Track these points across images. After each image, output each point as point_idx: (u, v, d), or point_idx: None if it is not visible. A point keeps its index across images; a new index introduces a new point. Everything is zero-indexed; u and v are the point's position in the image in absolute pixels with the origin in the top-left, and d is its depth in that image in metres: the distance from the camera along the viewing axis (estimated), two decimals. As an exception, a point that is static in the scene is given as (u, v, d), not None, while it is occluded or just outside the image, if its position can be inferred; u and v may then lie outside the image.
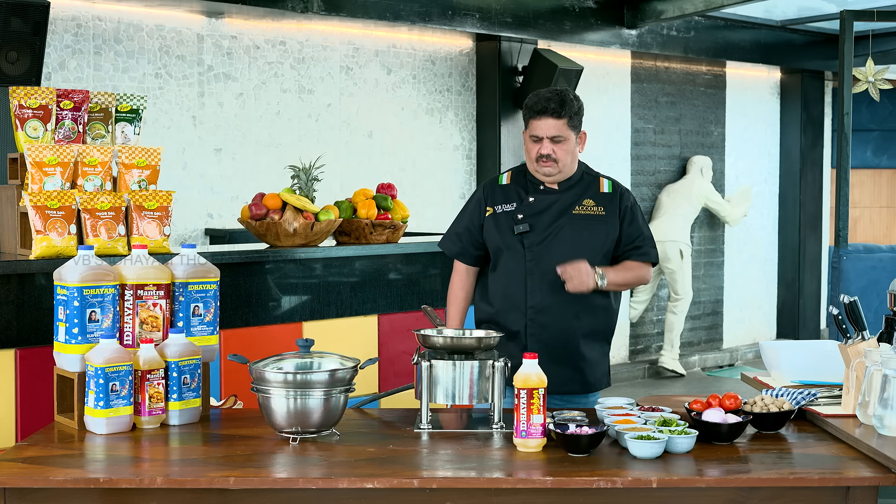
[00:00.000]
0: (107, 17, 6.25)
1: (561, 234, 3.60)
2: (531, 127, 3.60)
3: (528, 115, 3.61)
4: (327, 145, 7.15)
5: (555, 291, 3.57)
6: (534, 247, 3.61)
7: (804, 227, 10.45)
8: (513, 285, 3.62)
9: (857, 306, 3.23)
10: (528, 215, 3.63)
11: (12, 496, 2.69)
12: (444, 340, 3.20)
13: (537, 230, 3.61)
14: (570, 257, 3.56)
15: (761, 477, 2.68)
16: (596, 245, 3.62)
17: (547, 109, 3.55)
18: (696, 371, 9.57)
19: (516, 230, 3.61)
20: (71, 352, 3.16)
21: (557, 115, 3.55)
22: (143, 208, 3.79)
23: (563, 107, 3.55)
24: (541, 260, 3.59)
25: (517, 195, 3.68)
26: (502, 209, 3.67)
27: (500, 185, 3.73)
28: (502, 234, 3.65)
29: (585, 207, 3.64)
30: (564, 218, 3.62)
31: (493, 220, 3.68)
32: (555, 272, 3.55)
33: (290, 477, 2.71)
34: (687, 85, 9.61)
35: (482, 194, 3.75)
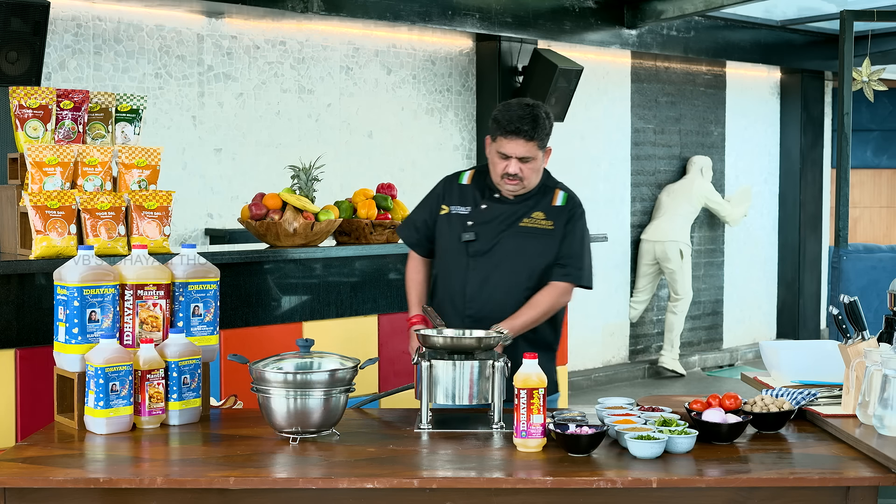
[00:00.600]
0: (107, 17, 6.25)
1: (505, 246, 3.58)
2: (500, 143, 3.50)
3: (497, 132, 3.50)
4: (327, 145, 7.15)
5: (492, 301, 3.56)
6: (478, 256, 3.59)
7: (804, 227, 10.45)
8: (454, 289, 3.62)
9: (857, 306, 3.23)
10: (476, 223, 3.60)
11: (12, 496, 2.69)
12: (444, 340, 3.20)
13: (483, 239, 3.59)
14: (512, 270, 3.55)
15: (761, 477, 2.68)
16: (538, 259, 3.58)
17: (520, 131, 3.45)
18: (696, 371, 9.57)
19: (463, 237, 3.59)
20: (71, 352, 3.16)
21: (529, 137, 3.47)
22: (143, 208, 3.79)
23: (535, 129, 3.46)
24: (482, 269, 3.58)
25: (472, 199, 3.64)
26: (456, 210, 3.64)
27: (460, 183, 3.70)
28: (451, 236, 3.63)
29: (534, 220, 3.60)
30: (511, 230, 3.58)
31: (447, 220, 3.66)
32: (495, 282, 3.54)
33: (290, 477, 2.71)
34: (687, 85, 9.61)
35: (442, 189, 3.73)
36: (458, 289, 3.61)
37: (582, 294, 8.98)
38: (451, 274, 3.64)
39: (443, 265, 3.69)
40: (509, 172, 3.52)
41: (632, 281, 9.29)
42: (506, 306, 3.54)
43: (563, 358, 5.48)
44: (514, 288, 3.58)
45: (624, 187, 9.17)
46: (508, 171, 3.52)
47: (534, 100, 3.58)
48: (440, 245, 3.69)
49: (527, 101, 3.53)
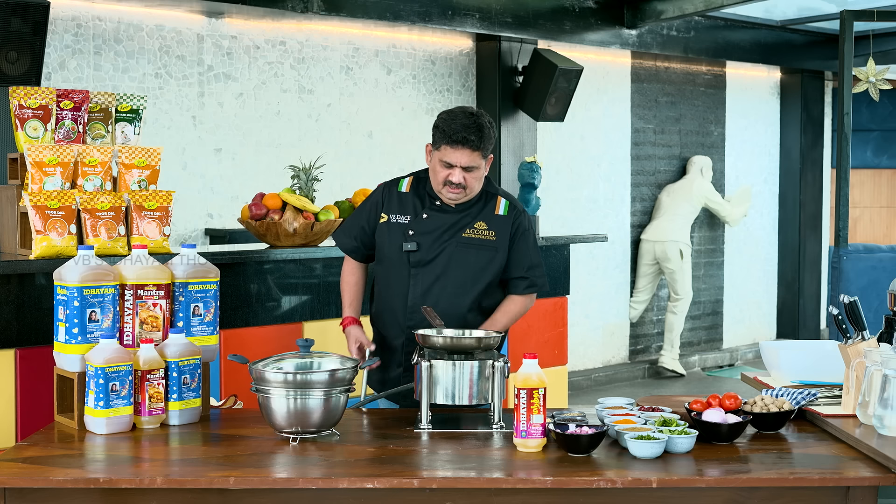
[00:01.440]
0: (107, 17, 6.25)
1: (447, 257, 3.54)
2: (444, 152, 3.46)
3: (441, 140, 3.45)
4: (327, 145, 7.15)
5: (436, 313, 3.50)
6: (419, 266, 3.55)
7: (804, 227, 10.45)
8: (394, 299, 3.58)
9: (857, 306, 3.23)
10: (417, 233, 3.56)
11: (12, 496, 2.69)
12: (444, 340, 3.20)
13: (424, 249, 3.55)
14: (454, 280, 3.53)
15: (761, 477, 2.68)
16: (480, 271, 3.56)
17: (466, 141, 3.41)
18: (696, 371, 9.57)
19: (404, 247, 3.55)
20: (71, 352, 3.16)
21: (475, 147, 3.43)
22: (143, 208, 3.79)
23: (481, 139, 3.43)
24: (424, 280, 3.55)
25: (413, 207, 3.59)
26: (396, 219, 3.59)
27: (399, 191, 3.63)
28: (391, 246, 3.58)
29: (476, 231, 3.56)
30: (453, 241, 3.55)
31: (386, 229, 3.60)
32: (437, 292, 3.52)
33: (290, 477, 2.71)
34: (687, 85, 9.61)
35: (380, 197, 3.64)
36: (399, 299, 3.57)
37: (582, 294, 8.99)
38: (391, 283, 3.59)
39: (383, 274, 3.64)
40: (452, 181, 3.47)
41: (632, 281, 9.29)
42: (447, 317, 3.48)
43: (563, 358, 5.49)
44: (456, 299, 3.54)
45: (624, 187, 9.18)
46: (452, 180, 3.47)
47: (476, 108, 3.55)
48: (380, 253, 3.63)
49: (470, 109, 3.50)
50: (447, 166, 3.48)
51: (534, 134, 8.07)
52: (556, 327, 5.44)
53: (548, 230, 6.62)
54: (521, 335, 5.11)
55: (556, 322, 5.44)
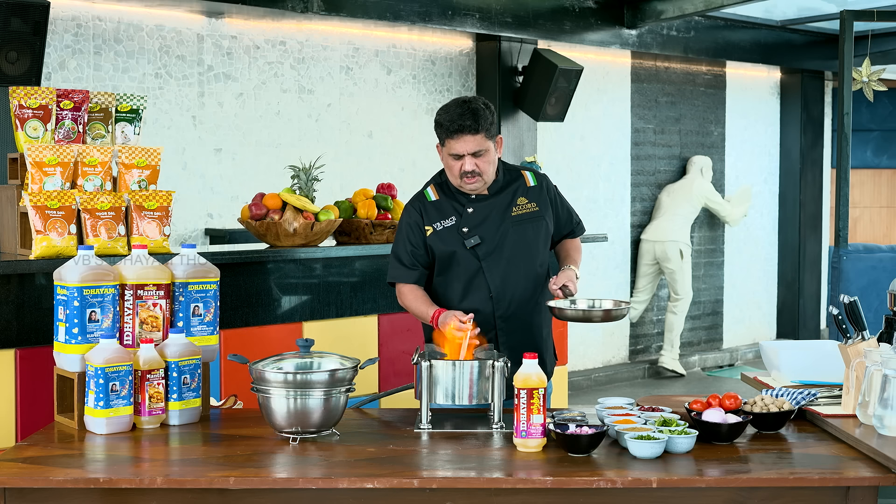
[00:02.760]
0: (107, 17, 6.25)
1: (509, 238, 3.60)
2: (449, 146, 3.51)
3: (443, 135, 3.52)
4: (327, 145, 7.15)
5: (517, 295, 3.60)
6: (489, 256, 3.58)
7: (804, 227, 10.44)
8: (475, 297, 3.59)
9: (857, 306, 3.23)
10: (472, 227, 3.59)
11: (12, 496, 2.69)
12: (575, 312, 3.45)
13: (487, 239, 3.59)
14: (523, 259, 3.60)
15: (761, 477, 2.68)
16: (540, 241, 3.67)
17: (463, 128, 3.46)
18: (696, 371, 9.57)
19: (468, 244, 3.57)
20: (71, 352, 3.16)
21: (474, 131, 3.47)
22: (143, 208, 3.79)
23: (478, 121, 3.47)
24: (497, 268, 3.59)
25: (452, 209, 3.62)
26: (442, 226, 3.60)
27: (430, 201, 3.65)
28: (452, 249, 3.59)
29: (521, 207, 3.64)
30: (507, 222, 3.61)
31: (437, 238, 3.60)
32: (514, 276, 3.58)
33: (290, 477, 2.71)
34: (687, 85, 9.61)
35: (416, 215, 3.64)
36: (481, 294, 3.59)
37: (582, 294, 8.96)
38: (467, 285, 3.60)
39: (452, 280, 3.63)
40: (466, 171, 3.52)
41: (632, 281, 9.29)
42: (527, 295, 3.60)
43: (563, 358, 5.49)
44: (529, 276, 3.63)
45: (624, 187, 9.17)
46: (465, 170, 3.52)
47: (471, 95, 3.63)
48: (442, 263, 3.63)
49: (463, 98, 3.55)
50: (457, 158, 3.52)
51: (534, 134, 8.07)
52: (556, 327, 5.43)
53: (548, 230, 6.61)
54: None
55: (556, 322, 5.43)
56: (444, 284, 3.64)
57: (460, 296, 3.61)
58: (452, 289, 3.63)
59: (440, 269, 3.65)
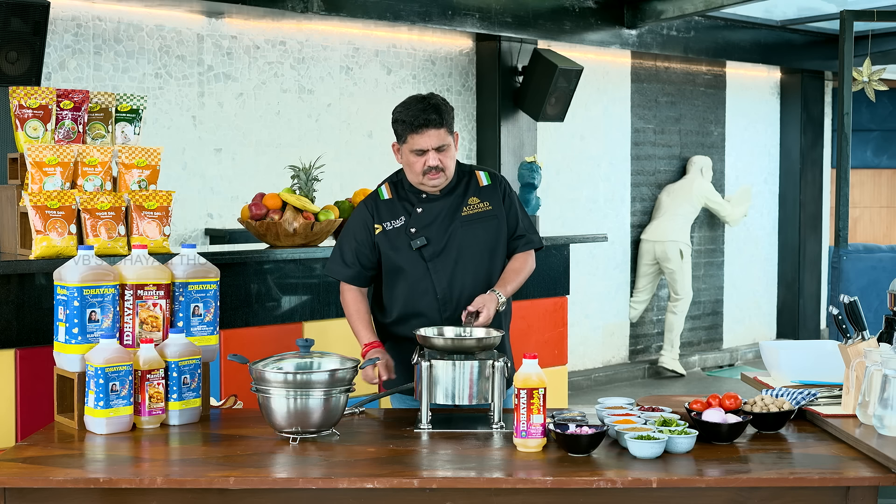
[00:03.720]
0: (107, 17, 6.25)
1: (457, 239, 3.55)
2: (412, 142, 3.48)
3: (406, 131, 3.48)
4: (327, 145, 7.15)
5: (464, 297, 3.53)
6: (435, 258, 3.55)
7: (804, 227, 10.44)
8: (421, 300, 3.55)
9: (857, 306, 3.23)
10: (420, 228, 3.55)
11: (12, 496, 2.69)
12: (444, 341, 3.20)
13: (434, 240, 3.55)
14: (471, 260, 3.55)
15: (761, 477, 2.68)
16: (491, 241, 3.60)
17: (429, 122, 3.44)
18: (696, 371, 9.57)
19: (414, 245, 3.53)
20: (71, 352, 3.16)
21: (439, 124, 3.46)
22: (143, 208, 3.79)
23: (441, 115, 3.46)
24: (444, 269, 3.55)
25: (403, 209, 3.58)
26: (391, 225, 3.57)
27: (383, 199, 3.62)
28: (398, 250, 3.56)
29: (472, 206, 3.59)
30: (456, 222, 3.57)
31: (385, 238, 3.57)
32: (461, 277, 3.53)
33: (290, 477, 2.71)
34: (687, 85, 9.61)
35: (367, 213, 3.61)
36: (427, 297, 3.55)
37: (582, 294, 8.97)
38: (412, 286, 3.56)
39: (398, 281, 3.59)
40: (431, 165, 3.49)
41: (632, 281, 9.29)
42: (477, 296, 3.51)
43: (563, 358, 5.49)
44: (480, 277, 3.57)
45: (624, 187, 9.17)
46: (430, 165, 3.48)
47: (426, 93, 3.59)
48: (389, 263, 3.58)
49: (419, 95, 3.54)
50: (420, 154, 3.49)
51: (534, 134, 8.07)
52: (556, 327, 5.44)
53: (548, 230, 6.62)
54: (521, 335, 5.10)
55: (556, 322, 5.44)
56: (391, 286, 3.60)
57: (406, 297, 3.57)
58: (399, 290, 3.58)
59: (387, 270, 3.60)
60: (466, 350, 3.18)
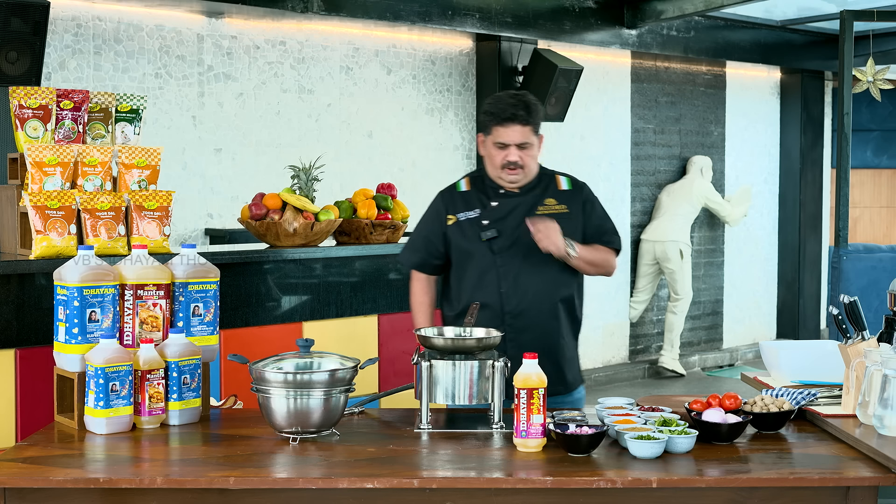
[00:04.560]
0: (107, 17, 6.25)
1: (528, 237, 3.56)
2: (496, 134, 3.54)
3: (492, 122, 3.55)
4: (327, 145, 7.15)
5: (530, 294, 3.58)
6: (503, 252, 3.58)
7: (804, 227, 10.45)
8: (485, 292, 3.58)
9: (857, 306, 3.23)
10: (493, 221, 3.60)
11: (12, 496, 2.69)
12: (445, 341, 3.20)
13: (505, 234, 3.59)
14: (540, 258, 3.56)
15: (761, 477, 2.68)
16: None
17: (516, 117, 3.50)
18: (696, 371, 9.57)
19: (483, 236, 3.58)
20: (71, 352, 3.16)
21: (525, 122, 3.52)
22: (143, 208, 3.79)
23: (530, 114, 3.52)
24: (511, 264, 3.58)
25: (478, 201, 3.64)
26: (465, 216, 3.64)
27: (460, 191, 3.69)
28: (469, 241, 3.62)
29: (548, 207, 3.62)
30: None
31: (458, 229, 3.64)
32: (527, 274, 3.56)
33: (290, 477, 2.71)
34: (687, 85, 9.61)
35: (441, 204, 3.70)
36: (492, 290, 3.58)
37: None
38: (479, 278, 3.60)
39: (466, 273, 3.64)
40: (510, 161, 3.53)
41: (632, 281, 9.29)
42: (541, 297, 3.56)
43: (563, 358, 5.48)
44: (546, 276, 3.59)
45: (624, 187, 9.17)
46: (509, 160, 3.53)
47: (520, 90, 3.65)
48: (458, 254, 3.65)
49: (515, 90, 3.59)
50: (502, 147, 3.53)
51: (534, 134, 8.06)
52: (556, 327, 5.43)
53: (548, 230, 6.61)
54: (521, 335, 5.10)
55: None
56: (459, 277, 3.66)
57: (472, 288, 3.62)
58: (466, 282, 3.63)
59: (457, 260, 3.66)
60: (466, 350, 3.18)
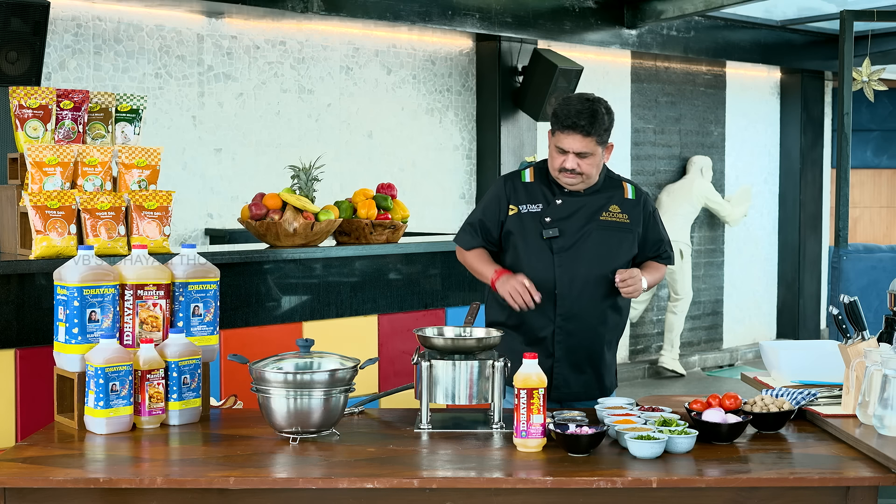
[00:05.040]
0: (107, 17, 6.25)
1: (589, 241, 3.51)
2: (557, 138, 3.46)
3: (555, 125, 3.46)
4: (327, 145, 7.15)
5: (583, 298, 3.51)
6: (563, 252, 3.51)
7: (804, 227, 10.45)
8: (540, 291, 3.47)
9: (857, 306, 3.23)
10: (556, 219, 3.52)
11: (12, 496, 2.69)
12: (445, 341, 3.20)
13: (566, 235, 3.51)
14: (598, 264, 3.51)
15: (761, 477, 2.68)
16: (622, 252, 3.56)
17: (577, 126, 3.40)
18: (696, 371, 9.57)
19: (545, 234, 3.51)
20: (71, 352, 3.16)
21: (586, 133, 3.41)
22: (143, 208, 3.79)
23: (592, 125, 3.40)
24: (569, 266, 3.50)
25: (542, 195, 3.55)
26: (527, 209, 3.54)
27: (524, 182, 3.59)
28: (528, 236, 3.53)
29: (612, 214, 3.55)
30: (592, 223, 3.52)
31: (518, 220, 3.55)
32: (583, 277, 3.49)
33: (290, 477, 2.71)
34: (687, 85, 9.61)
35: (504, 190, 3.59)
36: (547, 288, 3.49)
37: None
38: (532, 274, 3.49)
39: (520, 268, 3.53)
40: (566, 167, 3.46)
41: (632, 281, 9.27)
42: (595, 301, 3.51)
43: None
44: (601, 282, 3.53)
45: (624, 187, 9.17)
46: (565, 166, 3.46)
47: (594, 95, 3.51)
48: (515, 247, 3.56)
49: (588, 95, 3.48)
50: (561, 152, 3.47)
51: (534, 134, 8.07)
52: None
53: (548, 230, 6.61)
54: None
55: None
56: (513, 267, 3.56)
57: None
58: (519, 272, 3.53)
59: (512, 253, 3.57)
60: (466, 350, 3.18)
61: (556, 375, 3.52)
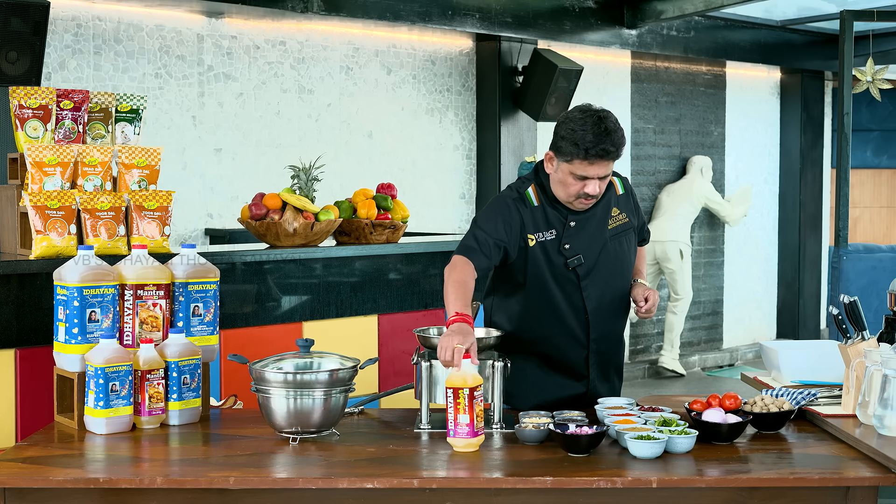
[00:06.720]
0: (107, 17, 6.25)
1: (606, 256, 3.42)
2: (578, 167, 3.21)
3: (575, 154, 3.18)
4: (327, 145, 7.15)
5: (609, 315, 3.45)
6: (587, 277, 3.39)
7: (804, 227, 10.45)
8: (567, 317, 3.39)
9: (857, 306, 3.23)
10: (574, 244, 3.36)
11: (12, 496, 2.69)
12: None
13: (587, 257, 3.38)
14: (617, 277, 3.45)
15: (761, 477, 2.68)
16: (630, 254, 3.51)
17: (606, 153, 3.18)
18: (696, 371, 9.57)
19: (571, 264, 3.35)
20: (71, 352, 3.16)
21: (616, 157, 3.23)
22: (143, 208, 3.79)
23: (618, 147, 3.20)
24: (595, 288, 3.40)
25: (556, 220, 3.37)
26: (544, 237, 3.36)
27: (533, 206, 3.37)
28: (554, 267, 3.36)
29: (615, 220, 3.45)
30: (603, 238, 3.42)
31: (542, 251, 3.35)
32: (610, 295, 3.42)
33: (290, 477, 2.71)
34: (687, 85, 9.61)
35: (518, 216, 3.35)
36: (577, 315, 3.40)
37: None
38: (558, 303, 3.38)
39: (544, 297, 3.38)
40: (590, 194, 3.26)
41: (632, 281, 9.28)
42: (620, 314, 3.47)
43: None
44: (621, 292, 3.48)
45: (624, 187, 9.17)
46: (588, 192, 3.26)
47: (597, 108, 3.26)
48: (537, 277, 3.37)
49: (597, 113, 3.22)
50: (580, 179, 3.25)
51: (534, 134, 8.07)
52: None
53: (548, 230, 6.61)
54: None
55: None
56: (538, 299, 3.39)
57: (552, 315, 3.40)
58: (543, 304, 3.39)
59: (538, 286, 3.38)
60: None
61: (590, 393, 3.48)
